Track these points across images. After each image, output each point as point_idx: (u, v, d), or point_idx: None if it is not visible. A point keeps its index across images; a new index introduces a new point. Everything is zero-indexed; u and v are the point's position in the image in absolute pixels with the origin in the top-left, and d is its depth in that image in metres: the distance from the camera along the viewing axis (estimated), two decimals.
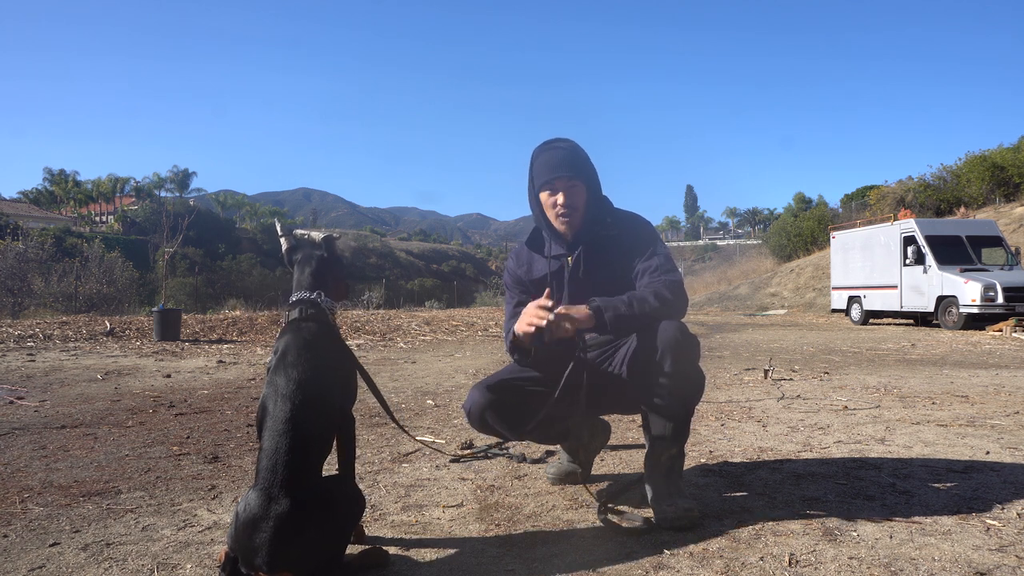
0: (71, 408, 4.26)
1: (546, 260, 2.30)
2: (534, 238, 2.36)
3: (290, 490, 1.55)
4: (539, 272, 2.32)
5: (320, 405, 1.67)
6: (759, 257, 36.68)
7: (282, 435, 1.59)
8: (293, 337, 1.75)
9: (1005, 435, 3.28)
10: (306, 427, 1.62)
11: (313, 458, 1.64)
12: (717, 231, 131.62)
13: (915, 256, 14.15)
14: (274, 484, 1.55)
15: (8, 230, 26.26)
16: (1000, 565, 1.71)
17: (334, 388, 1.75)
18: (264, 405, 1.67)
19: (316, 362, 1.71)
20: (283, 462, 1.57)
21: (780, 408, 4.15)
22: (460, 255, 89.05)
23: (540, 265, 2.33)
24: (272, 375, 1.70)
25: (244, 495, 1.59)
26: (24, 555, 1.86)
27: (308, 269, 1.91)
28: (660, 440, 2.10)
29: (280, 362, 1.71)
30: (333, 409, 1.75)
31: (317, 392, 1.67)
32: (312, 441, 1.64)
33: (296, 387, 1.65)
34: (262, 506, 1.53)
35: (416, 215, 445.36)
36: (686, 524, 2.00)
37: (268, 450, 1.59)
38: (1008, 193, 25.17)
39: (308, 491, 1.59)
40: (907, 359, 7.46)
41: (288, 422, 1.60)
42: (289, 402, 1.63)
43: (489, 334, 11.82)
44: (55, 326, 10.57)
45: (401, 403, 4.49)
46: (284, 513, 1.52)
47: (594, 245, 2.25)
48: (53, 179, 71.10)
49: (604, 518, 2.07)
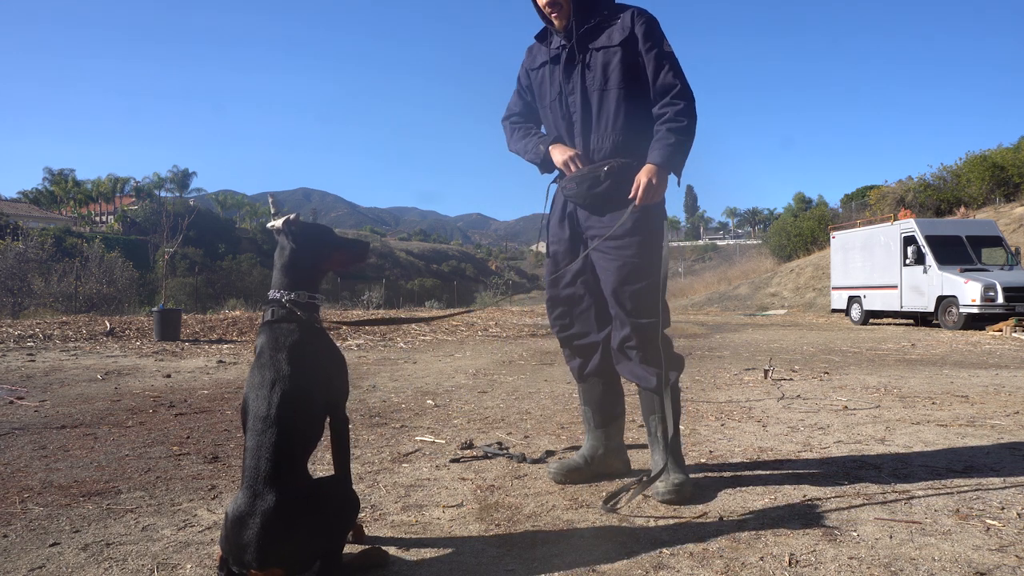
0: (71, 408, 4.26)
1: (548, 50, 2.49)
2: (543, 33, 2.54)
3: (274, 485, 1.56)
4: (540, 60, 2.52)
5: (297, 402, 1.67)
6: (759, 257, 36.67)
7: (262, 433, 1.62)
8: (265, 338, 1.76)
9: (1005, 435, 3.28)
10: (285, 424, 1.63)
11: (297, 451, 1.65)
12: (717, 231, 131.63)
13: (915, 256, 14.15)
14: (258, 481, 1.57)
15: (8, 230, 26.26)
16: (1000, 565, 1.71)
17: (312, 384, 1.73)
18: (245, 406, 1.70)
19: (290, 360, 1.70)
20: (265, 459, 1.59)
21: (780, 408, 4.15)
22: (460, 255, 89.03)
23: (542, 54, 2.52)
24: (249, 375, 1.74)
25: (234, 496, 1.60)
26: (24, 555, 1.86)
27: (279, 263, 1.84)
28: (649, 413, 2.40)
29: (256, 363, 1.73)
30: (313, 405, 1.73)
31: (293, 389, 1.67)
32: (293, 437, 1.64)
33: (271, 386, 1.66)
34: (248, 503, 1.55)
35: (416, 215, 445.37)
36: (675, 499, 2.21)
37: (251, 448, 1.62)
38: (1008, 193, 25.17)
39: (294, 486, 1.60)
40: (907, 359, 7.46)
41: (266, 420, 1.63)
42: (265, 401, 1.65)
43: (489, 334, 11.81)
44: (55, 326, 10.57)
45: (401, 403, 4.49)
46: (270, 509, 1.54)
47: (588, 34, 2.39)
48: (53, 179, 71.11)
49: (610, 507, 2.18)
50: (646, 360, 2.36)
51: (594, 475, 2.53)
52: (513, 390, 5.06)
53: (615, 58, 2.33)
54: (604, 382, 2.54)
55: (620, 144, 2.35)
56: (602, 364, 2.51)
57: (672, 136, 2.27)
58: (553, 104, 2.48)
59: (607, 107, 2.35)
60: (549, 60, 2.47)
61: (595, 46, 2.37)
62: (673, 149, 2.26)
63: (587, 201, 2.39)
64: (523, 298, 38.36)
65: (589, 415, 2.58)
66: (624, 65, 2.32)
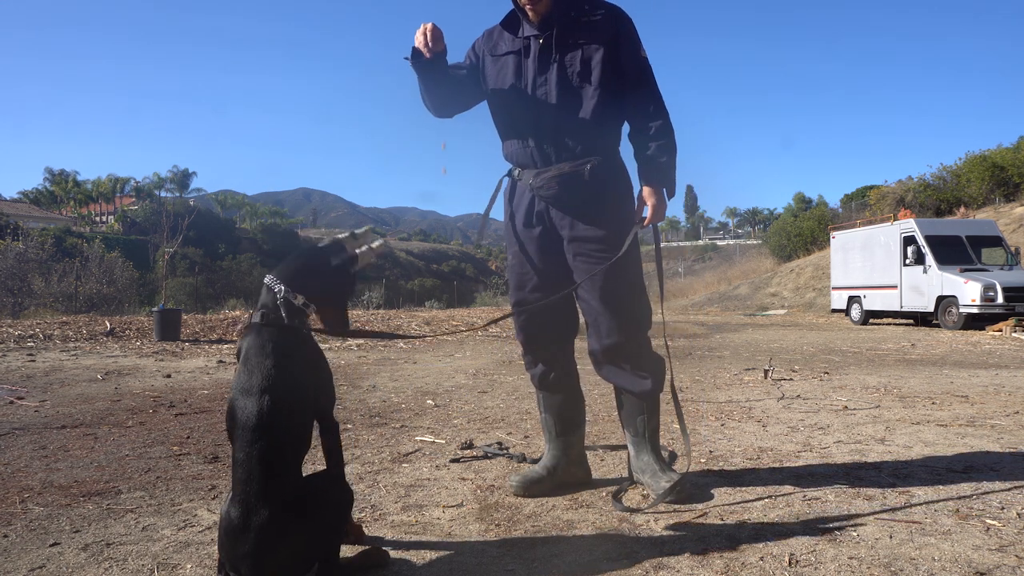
0: (71, 408, 4.26)
1: (517, 40, 2.37)
2: (510, 20, 2.41)
3: (267, 499, 1.53)
4: (504, 48, 2.40)
5: (286, 410, 1.61)
6: (759, 257, 36.66)
7: (252, 444, 1.55)
8: (251, 342, 1.68)
9: (1005, 435, 3.28)
10: (275, 433, 1.57)
11: (289, 460, 1.60)
12: (717, 231, 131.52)
13: (915, 256, 14.15)
14: (250, 495, 1.53)
15: (8, 230, 26.26)
16: (1000, 565, 1.72)
17: (301, 391, 1.67)
18: (232, 413, 1.62)
19: (277, 367, 1.63)
20: (257, 471, 1.54)
21: (780, 408, 4.15)
22: (460, 255, 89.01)
23: (506, 43, 2.41)
24: (235, 380, 1.66)
25: (225, 503, 1.57)
26: (24, 555, 1.86)
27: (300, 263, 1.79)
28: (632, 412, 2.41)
29: (243, 368, 1.65)
30: (303, 412, 1.68)
31: (281, 397, 1.60)
32: (284, 446, 1.59)
33: (260, 394, 1.59)
34: (241, 518, 1.52)
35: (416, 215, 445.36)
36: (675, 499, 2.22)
37: (241, 460, 1.56)
38: (1008, 193, 25.17)
39: (285, 497, 1.56)
40: (907, 359, 7.46)
41: (255, 430, 1.56)
42: (255, 409, 1.57)
43: (489, 334, 11.81)
44: (55, 326, 10.57)
45: (401, 403, 4.49)
46: (264, 523, 1.51)
47: (567, 29, 2.31)
48: (53, 179, 71.08)
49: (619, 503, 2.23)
50: (638, 366, 2.35)
51: (557, 486, 2.42)
52: (513, 390, 5.06)
53: (597, 55, 2.27)
54: (566, 390, 2.48)
55: (594, 143, 2.31)
56: (565, 371, 2.47)
57: (663, 155, 2.30)
58: (519, 96, 2.35)
59: (584, 105, 2.29)
60: (516, 51, 2.36)
61: (576, 41, 2.30)
62: (666, 168, 2.31)
63: (569, 201, 2.32)
64: None
65: (550, 424, 2.49)
66: (603, 65, 2.28)
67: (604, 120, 2.31)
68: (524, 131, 2.36)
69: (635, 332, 2.35)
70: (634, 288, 2.36)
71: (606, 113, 2.31)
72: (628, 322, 2.33)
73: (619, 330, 2.32)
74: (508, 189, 2.50)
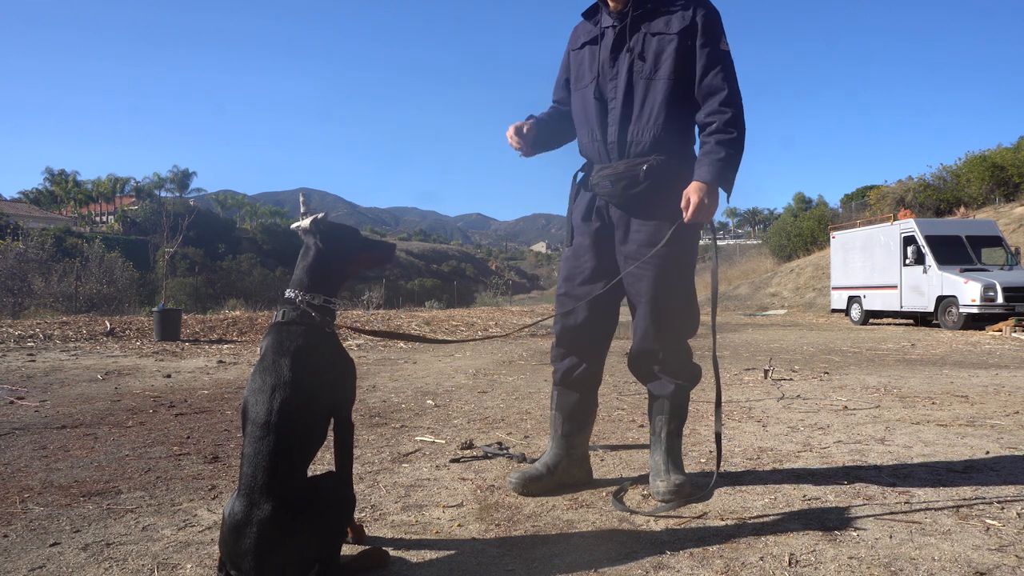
0: (71, 408, 4.26)
1: (594, 28, 2.33)
2: (591, 8, 2.38)
3: (271, 495, 1.54)
4: (582, 40, 2.37)
5: (298, 409, 1.63)
6: (759, 257, 36.64)
7: (260, 440, 1.57)
8: (271, 341, 1.71)
9: (1005, 435, 3.28)
10: (284, 431, 1.59)
11: (296, 459, 1.61)
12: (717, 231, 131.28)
13: (915, 256, 14.14)
14: (255, 490, 1.54)
15: (8, 230, 26.25)
16: (1000, 565, 1.72)
17: (315, 391, 1.69)
18: (245, 409, 1.65)
19: (293, 365, 1.65)
20: (263, 467, 1.55)
21: (780, 408, 4.15)
22: (460, 255, 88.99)
23: (585, 34, 2.37)
24: (250, 378, 1.68)
25: (230, 499, 1.59)
26: (24, 555, 1.86)
27: (302, 264, 1.81)
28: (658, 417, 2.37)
29: (258, 365, 1.68)
30: (315, 411, 1.69)
31: (294, 395, 1.63)
32: (292, 444, 1.60)
33: (271, 392, 1.61)
34: (244, 512, 1.53)
35: (416, 215, 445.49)
36: (675, 499, 2.21)
37: (248, 455, 1.58)
38: (1008, 193, 25.16)
39: (290, 495, 1.57)
40: (907, 359, 7.46)
41: (264, 427, 1.58)
42: (265, 407, 1.60)
43: (489, 335, 11.81)
44: (55, 326, 10.56)
45: (401, 403, 4.49)
46: (266, 519, 1.51)
47: (643, 18, 2.22)
48: (53, 179, 71.11)
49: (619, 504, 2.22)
50: (668, 372, 2.33)
51: (556, 484, 2.40)
52: (513, 390, 5.06)
53: (670, 46, 2.17)
54: (584, 391, 2.45)
55: (661, 139, 2.20)
56: (591, 371, 2.43)
57: (722, 150, 2.14)
58: (589, 87, 2.29)
59: (652, 98, 2.19)
60: (592, 40, 2.30)
61: (650, 31, 2.20)
62: (724, 164, 2.14)
63: (623, 201, 2.25)
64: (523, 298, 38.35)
65: (558, 422, 2.45)
66: (678, 56, 2.17)
67: (675, 116, 2.21)
68: (592, 124, 2.30)
69: (671, 341, 2.30)
70: (676, 293, 2.28)
71: (674, 108, 2.20)
72: (665, 329, 2.28)
73: (655, 337, 2.28)
74: (580, 182, 2.46)
